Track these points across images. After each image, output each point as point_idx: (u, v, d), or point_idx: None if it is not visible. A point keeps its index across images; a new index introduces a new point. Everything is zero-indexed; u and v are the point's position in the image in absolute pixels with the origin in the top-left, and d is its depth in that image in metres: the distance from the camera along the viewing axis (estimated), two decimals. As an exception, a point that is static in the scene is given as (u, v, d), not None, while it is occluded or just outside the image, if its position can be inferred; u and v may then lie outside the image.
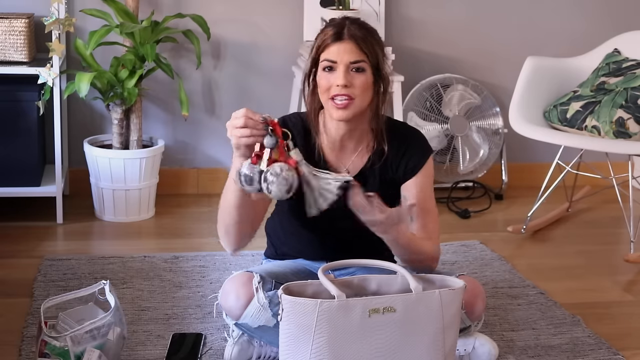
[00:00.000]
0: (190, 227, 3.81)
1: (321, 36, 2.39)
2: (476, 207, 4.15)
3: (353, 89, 2.35)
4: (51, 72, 3.58)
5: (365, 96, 2.38)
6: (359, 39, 2.35)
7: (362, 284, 2.28)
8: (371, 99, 2.40)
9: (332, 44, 2.36)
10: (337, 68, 2.35)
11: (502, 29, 4.41)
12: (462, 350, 2.52)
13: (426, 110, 4.26)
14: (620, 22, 4.35)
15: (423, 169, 2.48)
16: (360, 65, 2.35)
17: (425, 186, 2.49)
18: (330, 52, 2.36)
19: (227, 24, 4.15)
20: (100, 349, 2.38)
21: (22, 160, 3.71)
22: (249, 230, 2.43)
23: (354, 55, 2.35)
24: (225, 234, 2.43)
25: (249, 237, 2.45)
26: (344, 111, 2.36)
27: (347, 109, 2.36)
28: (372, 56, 2.36)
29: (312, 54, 2.41)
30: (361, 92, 2.36)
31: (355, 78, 2.35)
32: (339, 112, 2.37)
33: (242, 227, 2.40)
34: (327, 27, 2.40)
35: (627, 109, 3.63)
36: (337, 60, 2.35)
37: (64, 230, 3.70)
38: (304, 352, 2.16)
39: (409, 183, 2.48)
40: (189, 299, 3.01)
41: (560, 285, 3.26)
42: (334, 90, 2.35)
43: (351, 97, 2.35)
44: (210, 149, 4.25)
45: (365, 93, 2.37)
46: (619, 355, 2.71)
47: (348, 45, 2.35)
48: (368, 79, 2.37)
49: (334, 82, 2.35)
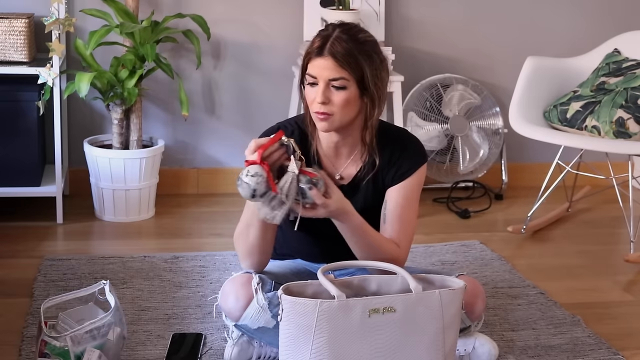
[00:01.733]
0: (190, 227, 3.81)
1: (310, 45, 2.38)
2: (476, 207, 4.15)
3: (331, 106, 2.33)
4: (51, 72, 3.58)
5: (347, 111, 2.35)
6: (338, 55, 2.31)
7: (362, 284, 2.28)
8: (358, 111, 2.38)
9: (315, 58, 2.34)
10: (318, 83, 2.34)
11: (502, 29, 4.41)
12: (462, 350, 2.52)
13: (426, 110, 4.26)
14: (620, 22, 4.36)
15: (412, 177, 2.45)
16: (340, 83, 2.32)
17: (410, 194, 2.46)
18: (313, 67, 2.34)
19: (227, 24, 4.15)
20: (100, 349, 2.38)
21: (22, 160, 3.71)
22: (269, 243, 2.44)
23: (333, 72, 2.32)
24: (249, 255, 2.43)
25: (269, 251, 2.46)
26: (325, 124, 2.36)
27: (326, 122, 2.36)
28: (355, 72, 2.32)
29: (302, 62, 2.41)
30: (340, 109, 2.33)
31: (335, 95, 2.33)
32: (321, 124, 2.37)
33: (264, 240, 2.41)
34: (316, 37, 2.38)
35: (627, 109, 3.63)
36: (317, 76, 2.34)
37: (64, 230, 3.70)
38: (304, 352, 2.16)
39: (394, 189, 2.45)
40: (189, 299, 3.01)
41: (560, 285, 3.26)
42: (314, 107, 2.35)
43: (329, 114, 2.34)
44: (210, 149, 4.25)
45: (345, 109, 2.34)
46: (619, 355, 2.71)
47: (327, 62, 2.32)
48: (350, 95, 2.33)
49: (315, 98, 2.35)
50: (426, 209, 4.08)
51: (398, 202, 2.44)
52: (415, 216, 2.49)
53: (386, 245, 2.40)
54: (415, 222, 2.49)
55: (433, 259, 3.42)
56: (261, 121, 4.16)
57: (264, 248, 2.41)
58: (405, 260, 2.46)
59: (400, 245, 2.43)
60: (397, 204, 2.44)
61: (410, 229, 2.46)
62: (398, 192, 2.45)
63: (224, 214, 3.92)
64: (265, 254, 2.43)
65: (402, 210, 2.44)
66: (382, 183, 2.47)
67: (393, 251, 2.41)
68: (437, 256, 3.47)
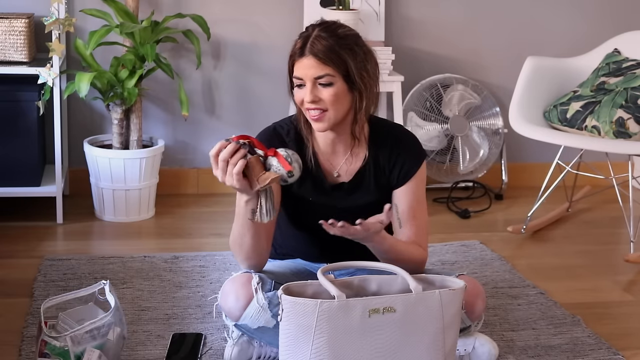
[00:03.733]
0: (190, 227, 3.81)
1: (292, 48, 2.40)
2: (476, 207, 4.15)
3: (323, 103, 2.35)
4: (51, 72, 3.58)
5: (339, 106, 2.36)
6: (320, 53, 2.33)
7: (362, 285, 2.28)
8: (349, 106, 2.39)
9: (298, 60, 2.37)
10: (305, 84, 2.36)
11: (503, 29, 4.41)
12: (462, 350, 2.52)
13: (426, 110, 4.26)
14: (620, 22, 4.36)
15: (416, 175, 2.47)
16: (325, 79, 2.34)
17: (418, 193, 2.48)
18: (297, 69, 2.37)
19: (227, 24, 4.15)
20: (100, 349, 2.38)
21: (22, 160, 3.71)
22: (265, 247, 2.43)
23: (318, 70, 2.33)
24: (247, 259, 2.43)
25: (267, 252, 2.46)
26: (320, 123, 2.38)
27: (321, 121, 2.37)
28: (339, 67, 2.34)
29: (287, 67, 2.42)
30: (331, 104, 2.35)
31: (323, 92, 2.35)
32: (316, 124, 2.38)
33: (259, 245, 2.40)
34: (298, 38, 2.40)
35: (627, 109, 3.63)
36: (302, 77, 2.36)
37: (64, 230, 3.70)
38: (304, 352, 2.16)
39: (401, 190, 2.47)
40: (189, 299, 3.01)
41: (560, 285, 3.26)
42: (305, 105, 2.37)
43: (323, 110, 2.35)
44: (210, 149, 4.24)
45: (336, 104, 2.35)
46: (619, 355, 2.71)
47: (310, 61, 2.34)
48: (338, 90, 2.35)
49: (304, 98, 2.36)
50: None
51: (409, 204, 2.46)
52: (426, 212, 2.52)
53: (413, 251, 2.42)
54: (427, 218, 2.52)
55: (433, 259, 3.42)
56: (261, 121, 4.13)
57: (259, 251, 2.41)
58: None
59: (422, 245, 2.46)
60: (409, 205, 2.46)
61: (426, 227, 2.49)
62: (406, 194, 2.47)
63: (224, 214, 3.92)
64: (262, 256, 2.44)
65: (415, 211, 2.47)
66: (387, 182, 2.48)
67: (420, 255, 2.44)
68: (437, 256, 3.47)
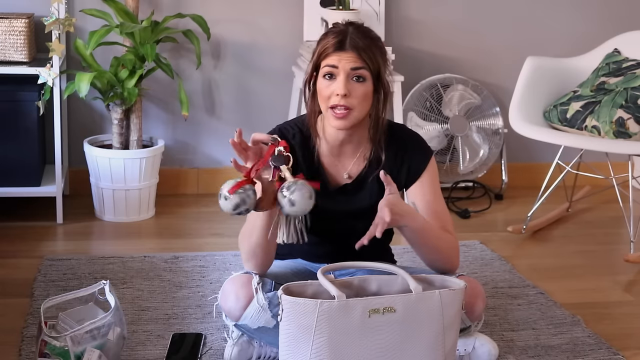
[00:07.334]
0: (190, 227, 3.81)
1: (323, 43, 2.37)
2: (476, 207, 4.15)
3: (352, 99, 2.34)
4: (51, 72, 3.58)
5: (364, 106, 2.37)
6: (360, 49, 2.33)
7: (363, 285, 2.28)
8: (370, 108, 2.40)
9: (334, 53, 2.35)
10: (337, 75, 2.34)
11: (502, 29, 4.41)
12: (462, 350, 2.52)
13: (426, 110, 4.26)
14: (620, 22, 4.36)
15: (426, 171, 2.48)
16: (361, 73, 2.34)
17: (432, 187, 2.48)
18: (332, 60, 2.35)
19: (227, 24, 4.15)
20: (100, 349, 2.38)
21: (22, 160, 3.71)
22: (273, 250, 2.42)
23: (356, 63, 2.33)
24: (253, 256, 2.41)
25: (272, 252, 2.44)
26: (343, 121, 2.36)
27: (345, 119, 2.36)
28: (373, 65, 2.35)
29: (313, 59, 2.40)
30: (359, 102, 2.35)
31: (355, 88, 2.34)
32: (338, 121, 2.36)
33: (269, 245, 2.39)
34: (330, 34, 2.38)
35: (627, 109, 3.63)
36: (339, 66, 2.34)
37: (64, 230, 3.70)
38: (304, 352, 2.16)
39: (415, 188, 2.48)
40: (189, 299, 3.02)
41: (560, 285, 3.26)
42: (333, 100, 2.34)
43: (349, 108, 2.34)
44: (210, 149, 4.25)
45: (363, 103, 2.36)
46: (619, 355, 2.71)
47: (350, 54, 2.33)
48: (368, 89, 2.36)
49: (334, 90, 2.34)
50: (426, 209, 4.08)
51: (426, 199, 2.46)
52: (445, 204, 2.52)
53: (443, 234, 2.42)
54: (447, 210, 2.52)
55: (433, 259, 3.42)
56: (261, 121, 4.16)
57: (267, 249, 2.40)
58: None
59: (449, 231, 2.46)
60: (427, 201, 2.46)
61: (448, 216, 2.49)
62: (422, 190, 2.47)
63: (224, 214, 3.88)
64: (268, 255, 2.42)
65: (434, 205, 2.47)
66: (396, 183, 2.47)
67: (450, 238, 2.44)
68: (437, 256, 3.46)
